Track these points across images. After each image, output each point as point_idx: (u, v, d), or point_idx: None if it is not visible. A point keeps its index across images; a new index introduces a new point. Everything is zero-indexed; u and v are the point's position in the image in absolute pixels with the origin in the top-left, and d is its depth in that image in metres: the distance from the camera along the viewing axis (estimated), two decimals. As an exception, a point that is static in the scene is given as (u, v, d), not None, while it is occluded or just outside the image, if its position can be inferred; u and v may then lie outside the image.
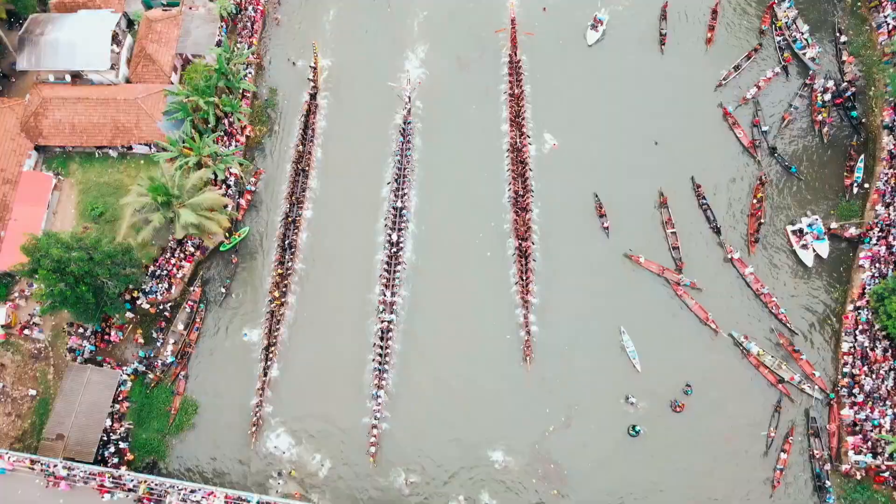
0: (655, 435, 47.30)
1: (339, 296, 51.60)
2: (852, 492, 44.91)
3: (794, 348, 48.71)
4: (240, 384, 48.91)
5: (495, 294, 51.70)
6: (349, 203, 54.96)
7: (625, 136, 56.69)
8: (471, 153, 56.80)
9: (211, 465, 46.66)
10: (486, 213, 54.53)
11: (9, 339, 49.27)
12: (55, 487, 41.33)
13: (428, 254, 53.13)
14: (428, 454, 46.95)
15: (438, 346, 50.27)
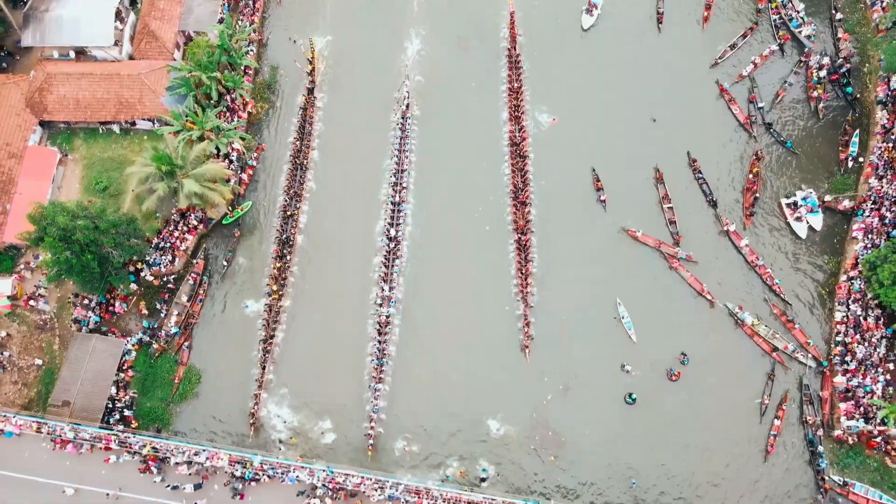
0: (651, 402, 48.12)
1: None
2: (845, 457, 45.74)
3: (787, 318, 49.50)
4: (242, 354, 49.65)
5: (494, 278, 52.10)
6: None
7: (622, 114, 57.28)
8: (469, 146, 56.56)
9: (213, 432, 47.36)
10: (484, 204, 54.53)
11: (14, 310, 49.98)
12: (62, 450, 42.12)
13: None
14: (426, 423, 47.56)
15: (438, 323, 50.75)
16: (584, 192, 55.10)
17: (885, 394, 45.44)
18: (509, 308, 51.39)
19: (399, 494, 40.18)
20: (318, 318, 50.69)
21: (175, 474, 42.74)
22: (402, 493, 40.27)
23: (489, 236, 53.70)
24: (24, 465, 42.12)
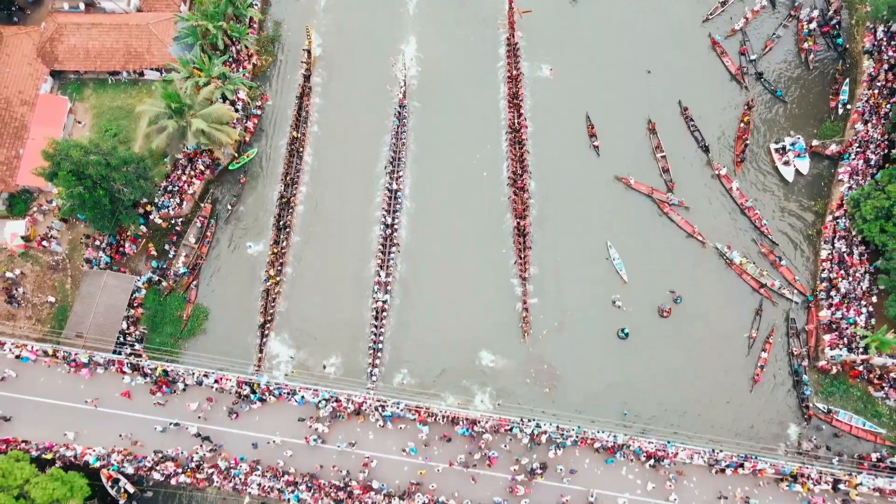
0: (643, 338, 49.87)
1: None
2: (829, 386, 47.54)
3: (775, 256, 51.23)
4: (247, 293, 51.43)
5: (492, 228, 53.91)
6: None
7: (617, 67, 58.92)
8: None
9: (220, 368, 49.05)
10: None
11: (28, 251, 51.67)
12: (76, 374, 43.91)
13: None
14: (425, 357, 49.20)
15: (437, 272, 52.20)
16: (578, 140, 56.80)
17: (867, 325, 47.16)
18: (506, 251, 53.13)
19: (400, 412, 41.94)
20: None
21: (184, 409, 44.34)
22: (402, 410, 42.02)
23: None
24: (40, 389, 43.92)
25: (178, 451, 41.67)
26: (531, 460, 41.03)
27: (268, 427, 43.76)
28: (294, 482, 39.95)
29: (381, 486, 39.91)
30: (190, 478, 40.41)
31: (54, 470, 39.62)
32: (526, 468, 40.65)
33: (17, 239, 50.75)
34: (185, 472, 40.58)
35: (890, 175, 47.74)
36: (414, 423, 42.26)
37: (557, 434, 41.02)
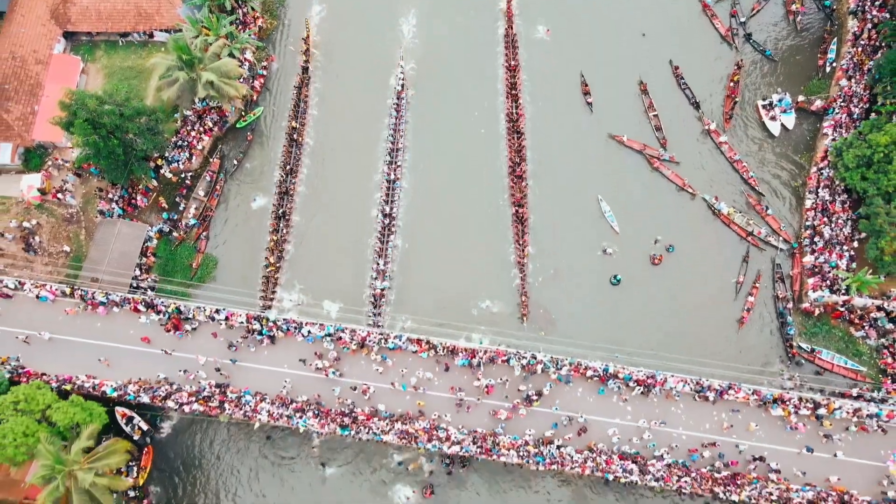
0: (635, 284, 51.98)
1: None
2: (812, 327, 49.65)
3: (762, 206, 53.31)
4: (253, 242, 53.55)
5: (489, 177, 56.14)
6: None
7: (610, 30, 60.98)
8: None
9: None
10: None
11: (43, 203, 53.65)
12: (93, 312, 46.01)
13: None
14: (423, 302, 51.12)
15: (437, 228, 54.24)
16: (573, 100, 58.80)
17: (848, 268, 49.24)
18: (502, 203, 55.20)
19: (402, 344, 44.03)
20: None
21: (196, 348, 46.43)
22: (404, 342, 44.10)
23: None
24: (58, 327, 46.04)
25: (192, 376, 43.77)
26: (527, 388, 43.17)
27: (278, 363, 45.93)
28: (301, 409, 42.08)
29: (385, 412, 42.04)
30: (203, 406, 42.52)
31: (74, 397, 41.83)
32: (522, 395, 42.79)
33: (33, 191, 52.72)
34: (197, 400, 42.68)
35: (872, 125, 49.77)
36: (415, 354, 44.30)
37: (551, 364, 43.05)
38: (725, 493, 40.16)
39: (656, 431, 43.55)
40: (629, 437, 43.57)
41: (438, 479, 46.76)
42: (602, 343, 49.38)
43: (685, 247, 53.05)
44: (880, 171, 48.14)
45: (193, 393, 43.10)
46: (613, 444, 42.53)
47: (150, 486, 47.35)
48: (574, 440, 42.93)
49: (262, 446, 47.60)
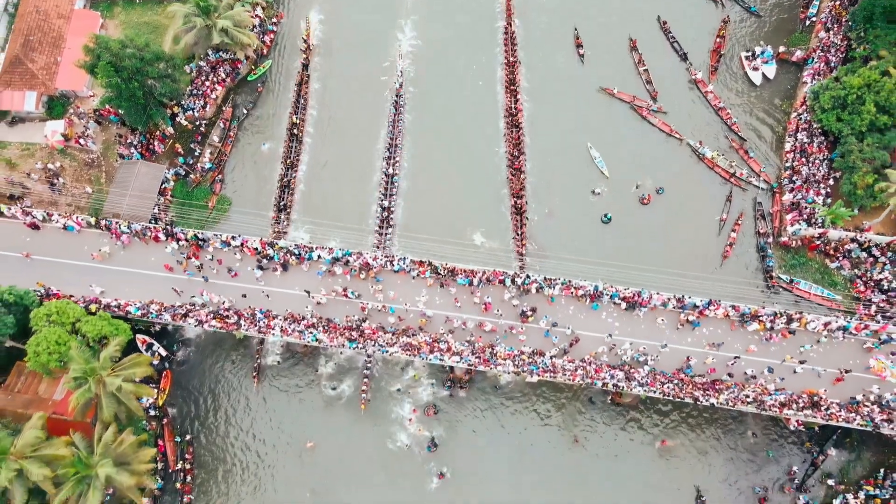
0: (625, 222, 55.16)
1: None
2: (791, 259, 52.85)
3: (744, 150, 56.53)
4: (263, 184, 56.84)
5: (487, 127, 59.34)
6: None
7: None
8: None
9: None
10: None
11: (66, 148, 56.75)
12: (116, 241, 49.13)
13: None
14: (425, 234, 54.12)
15: (437, 177, 57.34)
16: (566, 55, 62.02)
17: (824, 203, 52.41)
18: (498, 150, 58.43)
19: (406, 266, 47.12)
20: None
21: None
22: (408, 264, 47.20)
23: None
24: (85, 254, 49.14)
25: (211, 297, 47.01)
26: (522, 305, 46.34)
27: (292, 288, 49.08)
28: (312, 325, 45.21)
29: (390, 328, 45.26)
30: (220, 322, 45.62)
31: (101, 312, 44.98)
32: (517, 311, 45.96)
33: (56, 136, 55.77)
34: (215, 317, 45.80)
35: (847, 70, 53.03)
36: (418, 277, 47.42)
37: (545, 283, 46.18)
38: (705, 397, 43.30)
39: (641, 345, 46.67)
40: (616, 351, 46.67)
41: (441, 401, 50.07)
42: (592, 276, 52.46)
43: (672, 188, 56.24)
44: (854, 112, 51.39)
45: (210, 312, 46.15)
46: (602, 355, 45.66)
47: (168, 407, 50.53)
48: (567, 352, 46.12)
49: (272, 373, 51.00)
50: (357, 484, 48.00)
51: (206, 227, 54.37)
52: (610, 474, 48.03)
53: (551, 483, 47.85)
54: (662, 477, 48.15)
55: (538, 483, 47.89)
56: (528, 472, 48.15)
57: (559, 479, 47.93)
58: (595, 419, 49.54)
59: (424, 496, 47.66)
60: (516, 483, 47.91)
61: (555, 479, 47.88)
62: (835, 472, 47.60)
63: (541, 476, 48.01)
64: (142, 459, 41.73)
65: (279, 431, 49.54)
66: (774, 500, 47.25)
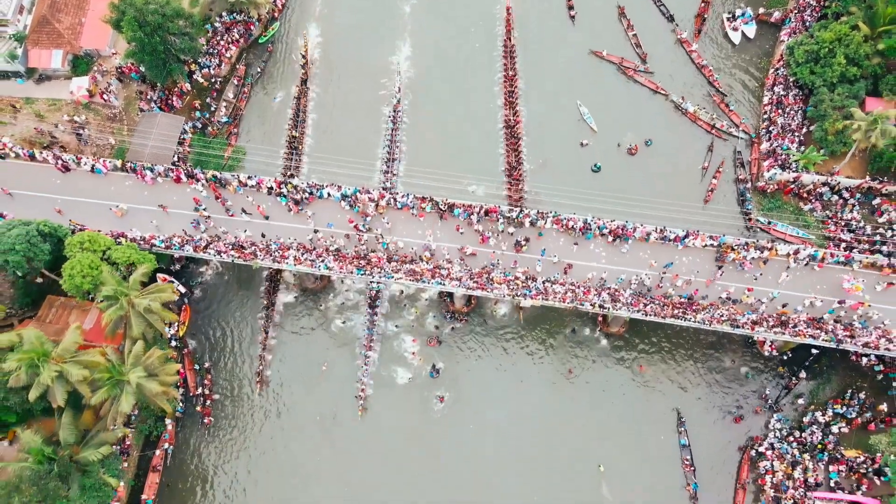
0: (613, 171, 59.13)
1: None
2: (768, 203, 56.76)
3: (725, 104, 60.45)
4: (275, 136, 60.94)
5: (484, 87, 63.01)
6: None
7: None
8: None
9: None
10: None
11: (91, 104, 60.57)
12: (141, 181, 52.95)
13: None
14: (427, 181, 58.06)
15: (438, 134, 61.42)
16: (559, 21, 65.95)
17: (798, 150, 56.25)
18: (493, 105, 62.41)
19: (410, 202, 50.92)
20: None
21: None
22: (412, 200, 51.00)
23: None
24: (112, 195, 52.92)
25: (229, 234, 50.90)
26: (516, 235, 50.22)
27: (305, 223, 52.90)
28: (322, 254, 49.07)
29: (395, 256, 49.21)
30: (238, 253, 49.42)
31: (128, 243, 48.81)
32: (512, 242, 49.84)
33: (82, 90, 59.61)
34: (233, 248, 49.62)
35: (821, 26, 56.89)
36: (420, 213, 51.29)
37: (538, 217, 49.98)
38: (684, 316, 47.09)
39: (626, 273, 50.38)
40: (603, 278, 50.42)
41: (441, 332, 53.97)
42: (584, 203, 55.36)
43: (657, 140, 60.18)
44: (826, 64, 55.29)
45: (227, 244, 50.02)
46: (591, 281, 49.47)
47: (188, 339, 54.44)
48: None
49: (286, 310, 55.08)
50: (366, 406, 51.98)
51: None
52: (599, 402, 51.82)
53: (545, 408, 51.72)
54: (646, 402, 52.01)
55: (533, 407, 51.77)
56: (523, 397, 52.00)
57: (553, 404, 51.79)
58: (586, 349, 53.38)
59: (429, 418, 51.49)
60: (513, 408, 51.79)
61: (548, 405, 51.76)
62: (805, 394, 51.50)
63: (535, 400, 51.90)
64: (168, 372, 45.56)
65: (293, 359, 53.46)
66: (749, 419, 51.13)
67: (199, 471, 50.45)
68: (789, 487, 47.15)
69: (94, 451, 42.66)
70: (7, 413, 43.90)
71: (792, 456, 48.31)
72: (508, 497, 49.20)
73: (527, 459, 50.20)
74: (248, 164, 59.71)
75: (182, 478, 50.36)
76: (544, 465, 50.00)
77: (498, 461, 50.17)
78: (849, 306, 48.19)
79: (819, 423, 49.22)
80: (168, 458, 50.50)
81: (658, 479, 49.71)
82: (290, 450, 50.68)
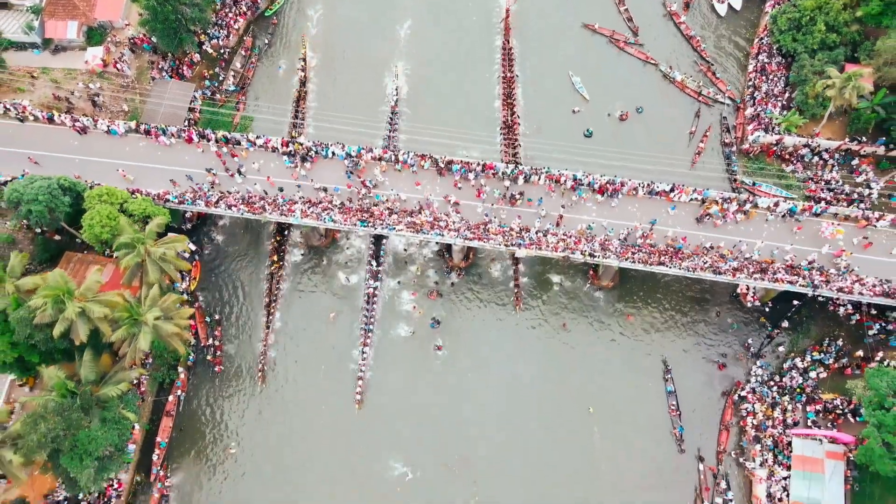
0: (604, 135, 61.88)
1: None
2: (752, 164, 59.45)
3: (712, 72, 63.21)
4: (281, 104, 63.53)
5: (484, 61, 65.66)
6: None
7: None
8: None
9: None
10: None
11: (105, 73, 63.27)
12: (155, 141, 55.69)
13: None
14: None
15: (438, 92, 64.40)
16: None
17: (781, 114, 58.99)
18: (489, 75, 65.14)
19: (410, 160, 53.64)
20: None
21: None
22: (412, 158, 53.71)
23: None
24: (127, 155, 55.65)
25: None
26: (511, 189, 53.01)
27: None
28: (328, 207, 51.79)
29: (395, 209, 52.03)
30: (247, 207, 52.16)
31: (143, 196, 51.53)
32: (507, 195, 52.60)
33: (97, 60, 62.33)
34: (243, 202, 52.36)
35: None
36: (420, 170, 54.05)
37: (532, 173, 52.71)
38: (670, 263, 49.78)
39: (616, 225, 52.96)
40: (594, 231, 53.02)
41: (442, 287, 56.73)
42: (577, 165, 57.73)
43: (646, 108, 62.90)
44: (807, 32, 58.05)
45: (237, 198, 52.79)
46: (583, 233, 52.16)
47: (198, 293, 57.19)
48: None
49: (293, 268, 57.88)
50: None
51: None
52: (591, 352, 54.54)
53: (540, 357, 54.45)
54: (635, 352, 54.67)
55: (528, 356, 54.50)
56: (518, 347, 54.74)
57: (547, 354, 54.54)
58: (577, 302, 56.13)
59: (429, 366, 54.23)
60: (509, 356, 54.52)
61: (543, 354, 54.51)
62: (786, 342, 54.22)
63: (530, 350, 54.64)
64: (182, 315, 48.24)
65: (299, 312, 56.20)
66: (732, 367, 53.85)
67: (210, 416, 53.17)
68: (769, 427, 49.90)
69: (114, 387, 45.32)
70: (31, 353, 46.53)
71: (772, 398, 51.04)
72: (505, 435, 51.87)
73: (522, 403, 52.90)
74: (255, 129, 62.38)
75: (194, 422, 53.11)
76: (538, 409, 52.70)
77: (495, 405, 52.87)
78: (832, 254, 50.55)
79: (798, 368, 51.89)
80: (180, 403, 53.32)
81: (645, 423, 52.38)
82: (297, 395, 53.42)
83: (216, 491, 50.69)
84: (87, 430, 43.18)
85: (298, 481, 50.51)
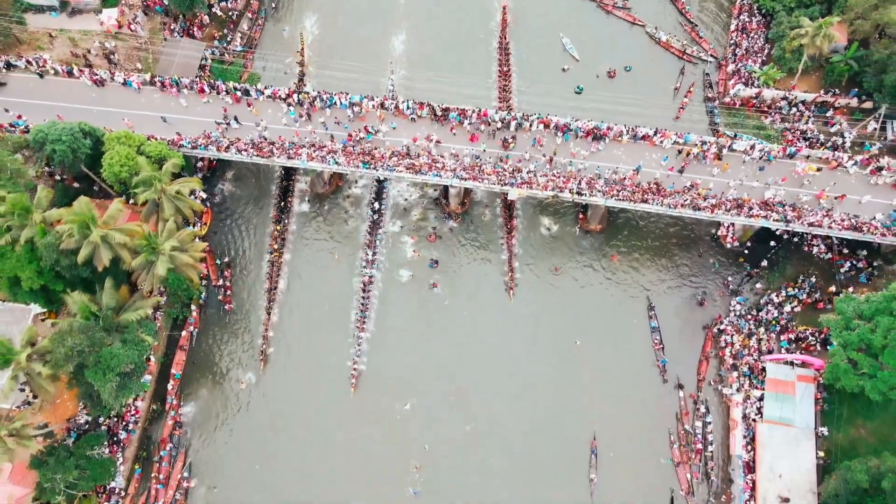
0: (594, 92, 65.14)
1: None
2: (733, 117, 62.76)
3: (696, 32, 66.62)
4: (285, 63, 67.12)
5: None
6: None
7: None
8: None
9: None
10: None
11: (119, 34, 66.60)
12: (168, 93, 59.06)
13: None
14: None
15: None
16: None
17: (760, 69, 62.36)
18: (484, 35, 68.60)
19: (409, 108, 56.93)
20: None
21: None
22: (411, 105, 56.96)
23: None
24: (141, 106, 58.94)
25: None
26: (505, 133, 56.43)
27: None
28: (333, 150, 55.16)
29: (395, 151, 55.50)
30: (256, 151, 55.53)
31: (158, 141, 54.89)
32: (500, 139, 56.00)
33: (112, 20, 65.70)
34: (252, 146, 55.71)
35: (780, -43, 63.06)
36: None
37: (523, 119, 56.09)
38: (654, 200, 53.08)
39: (603, 167, 56.29)
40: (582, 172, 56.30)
41: (440, 230, 60.14)
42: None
43: (634, 66, 66.27)
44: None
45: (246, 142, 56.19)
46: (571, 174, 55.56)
47: (209, 239, 60.53)
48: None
49: (299, 216, 61.29)
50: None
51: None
52: (579, 291, 57.92)
53: (531, 300, 57.81)
54: (621, 291, 58.03)
55: (520, 297, 57.84)
56: (511, 288, 58.15)
57: (536, 293, 57.92)
58: (566, 245, 59.55)
59: (427, 304, 57.64)
60: (502, 297, 57.88)
61: (534, 298, 57.84)
62: (763, 279, 57.57)
63: (522, 291, 58.00)
64: (196, 248, 51.66)
65: (305, 256, 59.61)
66: (712, 303, 57.21)
67: (221, 350, 56.53)
68: (745, 355, 53.27)
69: (133, 313, 48.71)
70: (56, 281, 49.89)
71: (749, 330, 54.40)
72: (497, 367, 55.21)
73: (514, 339, 56.25)
74: (261, 81, 65.76)
75: (205, 356, 56.47)
76: (529, 344, 56.02)
77: (487, 340, 56.21)
78: (813, 196, 53.66)
79: (774, 302, 55.26)
80: (193, 339, 56.68)
81: (630, 356, 55.68)
82: (304, 330, 56.78)
83: (226, 418, 54.09)
84: (110, 348, 46.52)
85: (303, 413, 53.85)
